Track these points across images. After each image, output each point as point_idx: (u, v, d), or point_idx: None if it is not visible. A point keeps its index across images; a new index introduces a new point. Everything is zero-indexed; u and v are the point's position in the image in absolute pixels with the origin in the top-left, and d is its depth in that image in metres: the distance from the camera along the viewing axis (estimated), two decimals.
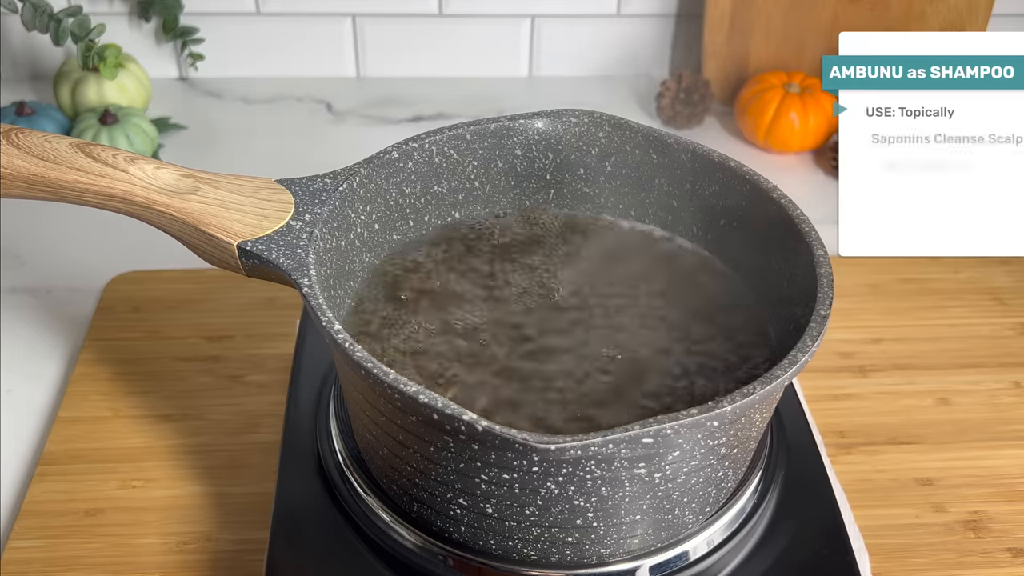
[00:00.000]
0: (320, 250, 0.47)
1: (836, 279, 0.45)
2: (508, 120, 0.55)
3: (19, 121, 0.88)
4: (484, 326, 0.50)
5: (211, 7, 1.00)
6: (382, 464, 0.47)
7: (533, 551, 0.45)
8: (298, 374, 0.58)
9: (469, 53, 1.05)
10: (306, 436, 0.54)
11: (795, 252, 0.48)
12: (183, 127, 0.96)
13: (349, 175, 0.50)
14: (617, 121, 0.55)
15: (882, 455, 0.64)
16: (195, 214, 0.47)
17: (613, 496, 0.42)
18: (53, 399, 0.67)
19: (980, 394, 0.69)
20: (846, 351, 0.72)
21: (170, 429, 0.64)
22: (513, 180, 0.57)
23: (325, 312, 0.42)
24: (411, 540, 0.47)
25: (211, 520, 0.58)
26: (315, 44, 1.04)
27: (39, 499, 0.59)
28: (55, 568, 0.55)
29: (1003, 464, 0.64)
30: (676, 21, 1.04)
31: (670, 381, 0.47)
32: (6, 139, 0.48)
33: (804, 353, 0.41)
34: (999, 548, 0.58)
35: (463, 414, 0.37)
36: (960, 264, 0.79)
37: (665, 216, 0.56)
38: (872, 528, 0.59)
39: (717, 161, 0.52)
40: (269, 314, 0.72)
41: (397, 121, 0.99)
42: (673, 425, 0.37)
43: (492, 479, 0.41)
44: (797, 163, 0.95)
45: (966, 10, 0.98)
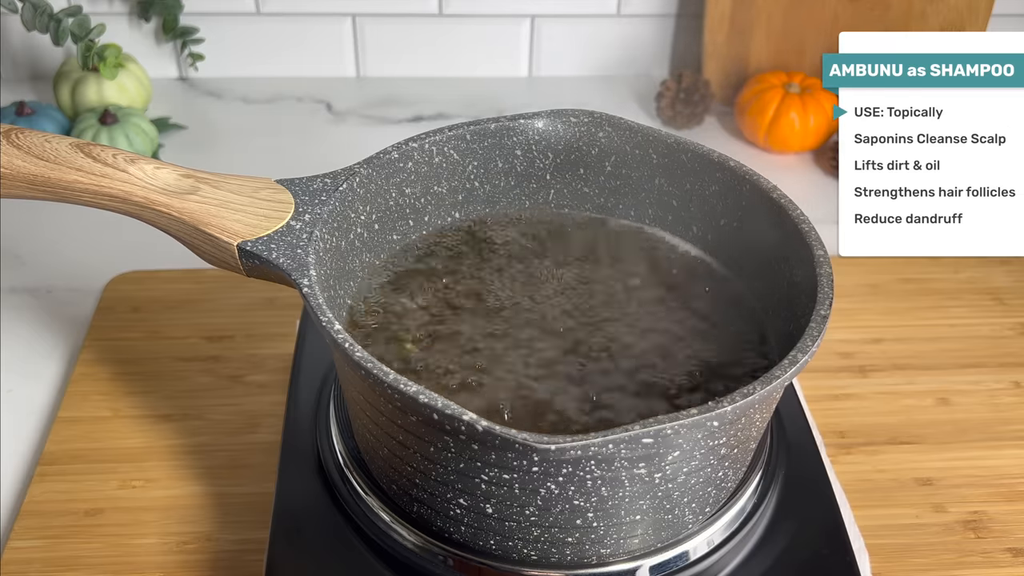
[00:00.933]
0: (320, 250, 0.47)
1: (836, 279, 0.45)
2: (508, 120, 0.55)
3: (19, 121, 0.88)
4: (483, 327, 0.50)
5: (211, 7, 1.00)
6: (382, 464, 0.47)
7: (533, 551, 0.45)
8: (298, 374, 0.58)
9: (469, 53, 1.05)
10: (306, 436, 0.54)
11: (795, 252, 0.48)
12: (183, 127, 0.96)
13: (349, 175, 0.50)
14: (617, 121, 0.55)
15: (882, 455, 0.64)
16: (195, 214, 0.47)
17: (613, 496, 0.42)
18: (53, 399, 0.67)
19: (980, 394, 0.69)
20: (846, 351, 0.72)
21: (170, 429, 0.64)
22: (513, 180, 0.57)
23: (325, 312, 0.42)
24: (411, 540, 0.47)
25: (211, 520, 0.58)
26: (315, 44, 1.04)
27: (39, 499, 0.59)
28: (55, 568, 0.55)
29: (1003, 464, 0.64)
30: (676, 21, 1.04)
31: (669, 381, 0.47)
32: (6, 139, 0.48)
33: (804, 353, 0.41)
34: (999, 548, 0.58)
35: (463, 414, 0.37)
36: (960, 264, 0.79)
37: (665, 216, 0.56)
38: (872, 528, 0.59)
39: (717, 161, 0.52)
40: (269, 314, 0.72)
41: (397, 121, 0.99)
42: (673, 425, 0.37)
43: (492, 479, 0.41)
44: (797, 163, 0.95)
45: (966, 10, 0.98)
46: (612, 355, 0.48)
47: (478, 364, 0.47)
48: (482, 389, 0.46)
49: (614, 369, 0.47)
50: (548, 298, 0.52)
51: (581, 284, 0.53)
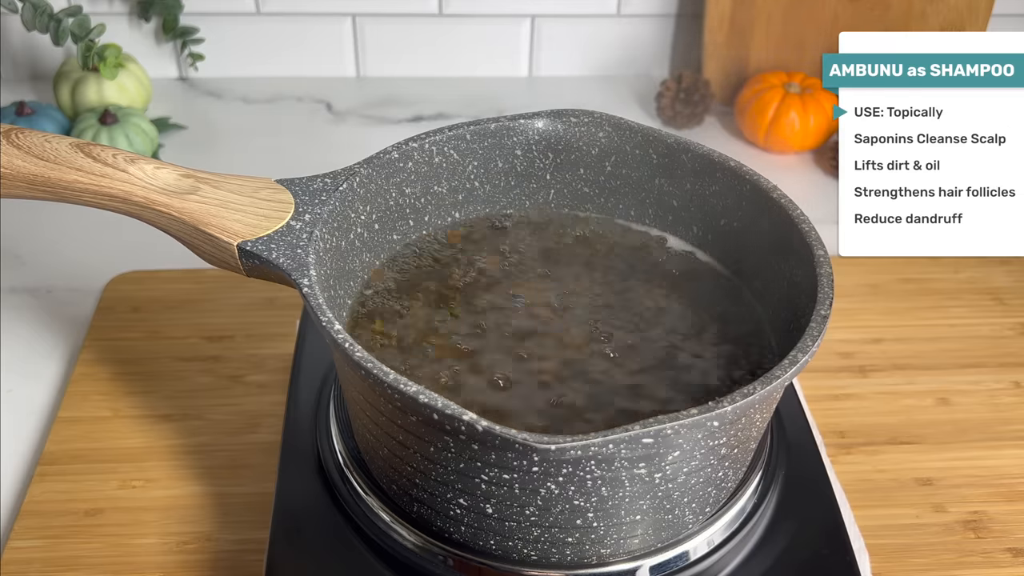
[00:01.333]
0: (320, 250, 0.47)
1: (836, 279, 0.45)
2: (508, 120, 0.55)
3: (19, 121, 0.88)
4: (480, 329, 0.50)
5: (211, 7, 1.00)
6: (382, 464, 0.47)
7: (533, 551, 0.45)
8: (298, 374, 0.58)
9: (469, 53, 1.05)
10: (306, 436, 0.54)
11: (795, 252, 0.48)
12: (183, 127, 0.96)
13: (349, 175, 0.50)
14: (617, 121, 0.55)
15: (882, 455, 0.64)
16: (195, 214, 0.47)
17: (613, 496, 0.42)
18: (53, 399, 0.67)
19: (980, 394, 0.69)
20: (846, 351, 0.72)
21: (170, 429, 0.64)
22: (513, 180, 0.57)
23: (325, 312, 0.42)
24: (411, 540, 0.47)
25: (211, 520, 0.58)
26: (315, 44, 1.04)
27: (39, 499, 0.59)
28: (55, 568, 0.55)
29: (1003, 464, 0.64)
30: (676, 21, 1.04)
31: (669, 381, 0.47)
32: (6, 139, 0.48)
33: (804, 353, 0.41)
34: (999, 548, 0.58)
35: (463, 414, 0.37)
36: (960, 264, 0.79)
37: (665, 216, 0.56)
38: (872, 528, 0.59)
39: (717, 161, 0.52)
40: (269, 314, 0.72)
41: (397, 121, 0.99)
42: (673, 425, 0.37)
43: (492, 479, 0.41)
44: (797, 163, 0.95)
45: (966, 10, 0.98)
46: (611, 355, 0.48)
47: (456, 367, 0.47)
48: (461, 389, 0.46)
49: (614, 368, 0.47)
50: (548, 299, 0.52)
51: (580, 285, 0.53)
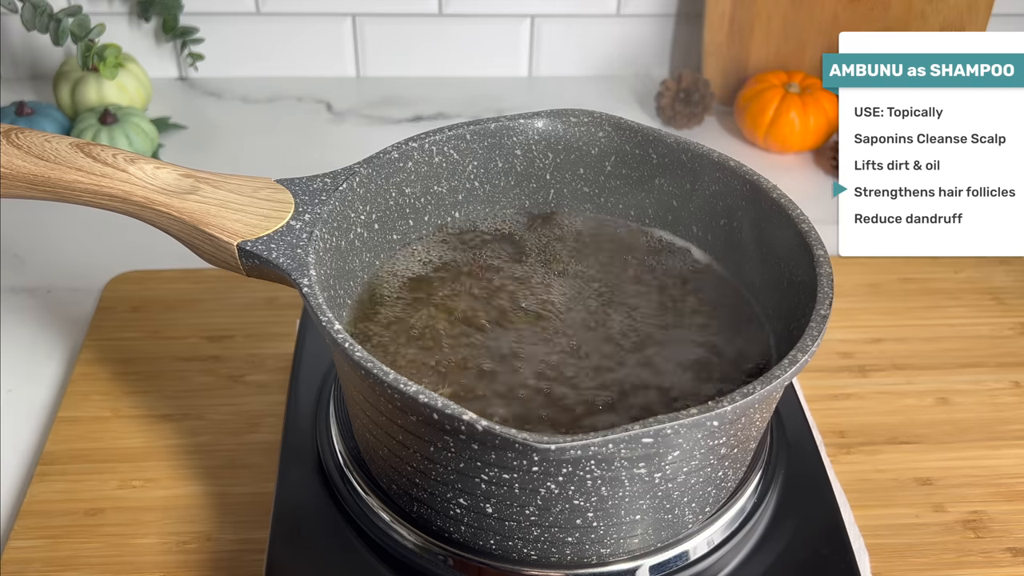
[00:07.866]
0: (320, 250, 0.47)
1: (836, 279, 0.45)
2: (508, 120, 0.55)
3: (19, 121, 0.88)
4: (479, 329, 0.50)
5: (211, 7, 1.00)
6: (382, 464, 0.47)
7: (533, 551, 0.45)
8: (298, 374, 0.58)
9: (469, 53, 1.05)
10: (306, 436, 0.54)
11: (795, 252, 0.48)
12: (183, 127, 0.96)
13: (349, 175, 0.50)
14: (617, 121, 0.55)
15: (882, 455, 0.64)
16: (195, 214, 0.47)
17: (613, 496, 0.42)
18: (53, 399, 0.67)
19: (980, 394, 0.69)
20: (846, 351, 0.72)
21: (170, 429, 0.64)
22: (513, 180, 0.57)
23: (325, 312, 0.42)
24: (411, 540, 0.47)
25: (211, 520, 0.58)
26: (315, 44, 1.04)
27: (39, 499, 0.59)
28: (55, 568, 0.55)
29: (1003, 464, 0.64)
30: (676, 21, 1.04)
31: (669, 381, 0.47)
32: (6, 139, 0.48)
33: (804, 353, 0.41)
34: (999, 548, 0.58)
35: (463, 414, 0.37)
36: (960, 264, 0.79)
37: (665, 216, 0.56)
38: (872, 528, 0.59)
39: (717, 161, 0.52)
40: (269, 314, 0.72)
41: (397, 121, 0.99)
42: (673, 425, 0.37)
43: (492, 479, 0.41)
44: (797, 163, 0.95)
45: (966, 10, 0.98)
46: (611, 355, 0.48)
47: (448, 361, 0.47)
48: (461, 390, 0.46)
49: (613, 368, 0.47)
50: (547, 298, 0.52)
51: (580, 285, 0.53)
